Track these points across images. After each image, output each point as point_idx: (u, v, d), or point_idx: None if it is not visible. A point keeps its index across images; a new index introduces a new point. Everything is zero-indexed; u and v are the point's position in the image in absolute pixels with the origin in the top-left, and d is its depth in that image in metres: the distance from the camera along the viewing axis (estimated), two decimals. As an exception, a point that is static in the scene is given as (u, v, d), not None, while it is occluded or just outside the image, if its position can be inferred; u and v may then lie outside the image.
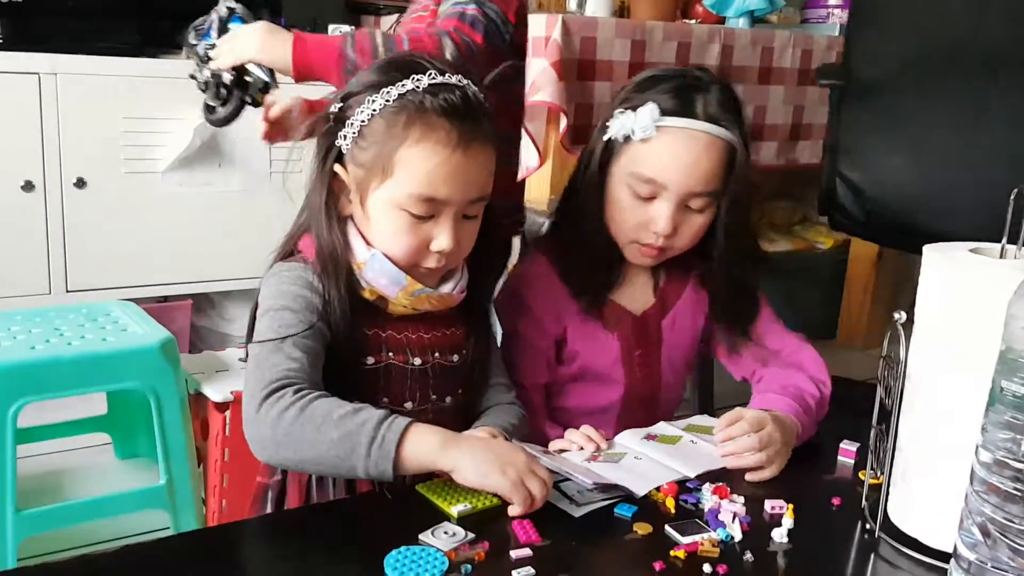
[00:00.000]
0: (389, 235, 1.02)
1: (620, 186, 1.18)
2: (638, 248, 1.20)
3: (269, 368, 0.94)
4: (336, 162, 1.02)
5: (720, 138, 1.14)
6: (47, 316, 1.69)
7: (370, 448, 0.89)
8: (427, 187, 0.99)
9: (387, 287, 1.03)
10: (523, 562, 0.81)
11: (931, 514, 0.87)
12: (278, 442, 0.91)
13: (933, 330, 0.86)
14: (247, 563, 0.85)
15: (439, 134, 0.98)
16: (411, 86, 0.98)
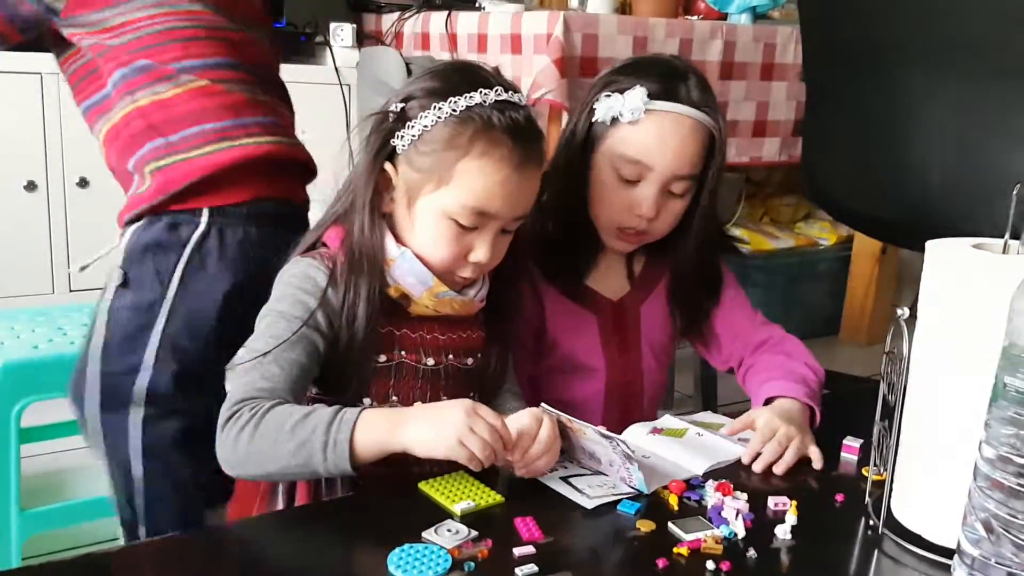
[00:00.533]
0: (431, 241, 1.03)
1: (605, 169, 1.19)
2: (618, 233, 1.21)
3: (240, 388, 0.95)
4: (388, 159, 1.03)
5: (703, 123, 1.17)
6: (50, 315, 1.70)
7: (325, 452, 0.90)
8: (483, 201, 1.00)
9: (414, 286, 1.04)
10: (526, 559, 0.81)
11: (934, 510, 0.87)
12: (241, 461, 0.93)
13: (936, 326, 0.86)
14: (251, 561, 0.85)
15: (502, 151, 1.00)
16: (479, 99, 1.00)
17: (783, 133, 2.60)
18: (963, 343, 0.83)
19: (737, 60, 2.42)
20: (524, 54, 2.17)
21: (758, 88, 2.50)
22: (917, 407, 0.88)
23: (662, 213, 1.19)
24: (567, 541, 0.86)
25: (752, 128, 2.53)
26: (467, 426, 0.90)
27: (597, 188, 1.20)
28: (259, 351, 0.98)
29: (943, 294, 0.85)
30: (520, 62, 2.19)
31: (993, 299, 0.77)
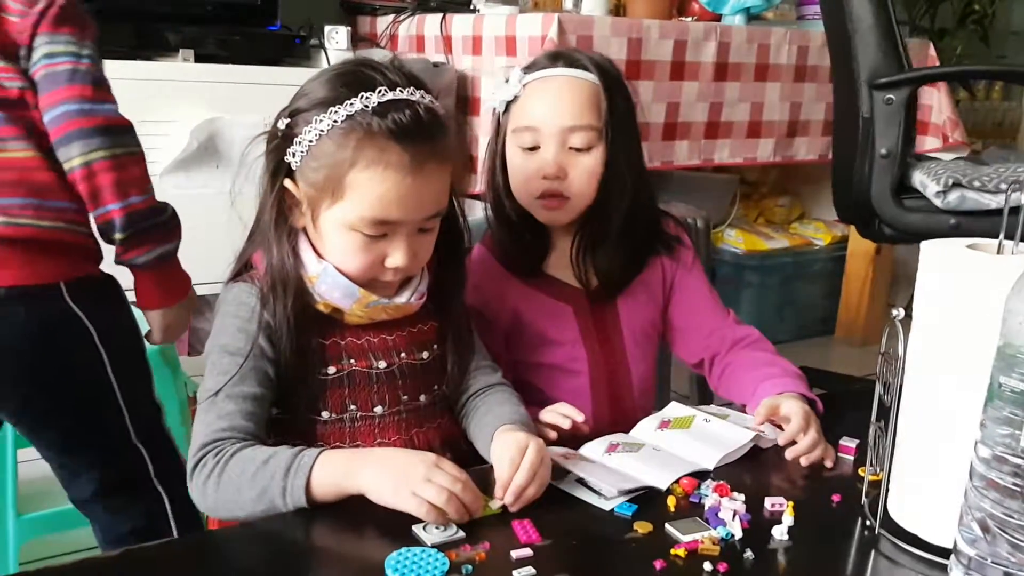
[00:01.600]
0: (342, 253, 1.01)
1: (511, 149, 1.25)
2: (540, 203, 1.24)
3: (200, 431, 0.96)
4: (287, 176, 1.01)
5: (579, 78, 1.22)
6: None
7: (284, 497, 0.90)
8: (379, 211, 0.97)
9: (340, 300, 1.02)
10: (524, 562, 0.81)
11: (931, 510, 0.87)
12: (212, 508, 0.95)
13: (931, 326, 0.86)
14: (248, 565, 0.85)
15: (390, 158, 0.95)
16: (359, 106, 0.96)
17: (777, 134, 2.61)
18: (958, 343, 0.83)
19: (731, 61, 2.42)
20: (519, 56, 2.17)
21: (752, 89, 2.50)
22: (913, 407, 0.88)
23: (572, 171, 1.22)
24: (564, 543, 0.86)
25: (747, 129, 2.54)
26: (424, 477, 0.87)
27: (511, 169, 1.25)
28: (210, 391, 0.97)
29: (938, 294, 0.86)
30: (515, 64, 2.19)
31: (988, 299, 0.78)
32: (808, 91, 2.62)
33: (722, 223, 3.21)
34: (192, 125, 2.25)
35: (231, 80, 2.32)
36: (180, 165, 2.28)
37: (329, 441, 1.04)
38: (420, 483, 0.87)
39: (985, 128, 4.55)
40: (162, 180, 2.27)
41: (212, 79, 2.30)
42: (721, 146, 2.51)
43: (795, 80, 2.58)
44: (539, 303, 1.28)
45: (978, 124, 4.46)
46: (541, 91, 1.23)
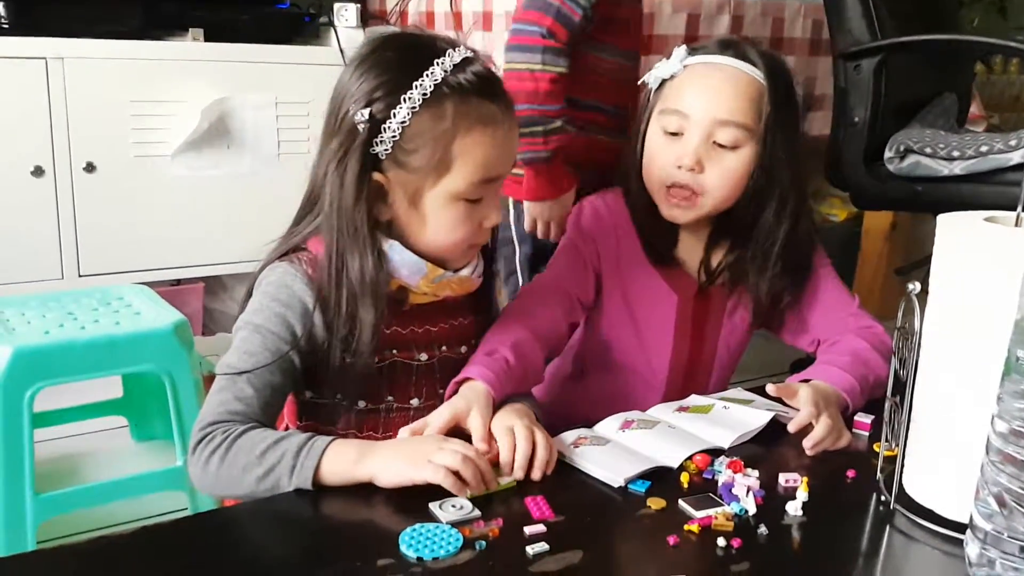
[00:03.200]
0: (447, 228, 1.00)
1: (653, 130, 1.21)
2: (666, 194, 1.19)
3: (213, 407, 0.94)
4: (374, 169, 0.97)
5: (745, 72, 1.16)
6: (61, 301, 1.70)
7: (291, 476, 0.89)
8: (488, 170, 0.98)
9: (408, 277, 1.01)
10: (537, 538, 0.81)
11: (947, 485, 0.86)
12: (211, 484, 0.92)
13: (948, 300, 0.85)
14: (264, 542, 0.86)
15: (485, 114, 0.97)
16: (440, 73, 0.95)
17: (792, 108, 2.58)
18: (975, 317, 0.82)
19: (745, 34, 2.40)
20: (530, 32, 2.15)
21: (766, 63, 2.47)
22: (929, 382, 0.87)
23: (711, 167, 1.16)
24: (578, 520, 0.86)
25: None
26: (437, 447, 0.88)
27: (648, 151, 1.21)
28: (233, 367, 0.95)
29: (955, 268, 0.85)
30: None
31: (1005, 273, 0.77)
32: (823, 65, 2.59)
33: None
34: (202, 105, 2.25)
35: (241, 59, 2.32)
36: (192, 145, 2.28)
37: (362, 430, 1.04)
38: (435, 451, 0.87)
39: (1002, 102, 4.50)
40: (173, 161, 2.27)
41: (222, 58, 2.30)
42: (735, 121, 2.48)
43: (810, 54, 2.55)
44: (650, 280, 1.25)
45: (994, 98, 4.41)
46: (700, 77, 1.17)
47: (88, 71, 2.14)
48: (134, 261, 2.28)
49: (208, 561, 0.80)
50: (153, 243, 2.29)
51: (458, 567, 0.77)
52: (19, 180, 2.10)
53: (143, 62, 2.21)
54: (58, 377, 1.51)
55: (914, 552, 0.85)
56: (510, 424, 0.96)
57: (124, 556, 0.80)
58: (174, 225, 2.31)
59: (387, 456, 0.89)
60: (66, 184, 2.16)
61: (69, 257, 2.19)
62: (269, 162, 2.37)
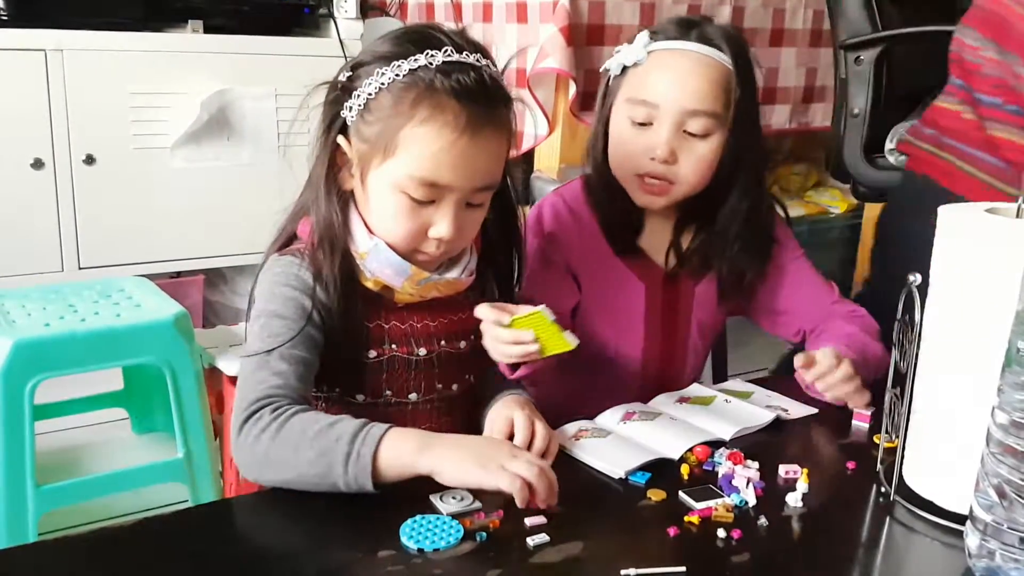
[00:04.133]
0: (387, 217, 0.98)
1: (619, 118, 1.19)
2: (639, 183, 1.18)
3: (252, 386, 0.92)
4: (340, 133, 0.99)
5: (711, 58, 1.15)
6: (61, 293, 1.70)
7: (347, 464, 0.85)
8: (429, 171, 0.94)
9: (392, 278, 1.00)
10: (537, 529, 0.81)
11: (947, 476, 0.86)
12: (259, 464, 0.89)
13: (948, 292, 0.85)
14: (264, 533, 0.86)
15: (447, 116, 0.93)
16: (424, 62, 0.93)
17: (793, 100, 2.58)
18: (976, 308, 0.82)
19: (746, 26, 2.39)
20: (530, 23, 2.15)
21: (768, 54, 2.47)
22: (929, 373, 0.87)
23: (683, 156, 1.16)
24: (578, 511, 0.86)
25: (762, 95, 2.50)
26: (510, 455, 0.85)
27: (614, 140, 1.20)
28: (259, 350, 0.95)
29: (956, 259, 0.85)
30: (526, 31, 2.17)
31: (1006, 264, 0.77)
32: (824, 56, 2.58)
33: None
34: (202, 97, 2.25)
35: (240, 51, 2.32)
36: (191, 137, 2.28)
37: None
38: (508, 459, 0.84)
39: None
40: (173, 153, 2.27)
41: (221, 50, 2.30)
42: (735, 113, 2.48)
43: (811, 45, 2.55)
44: (616, 271, 1.24)
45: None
46: (667, 66, 1.15)
47: (88, 63, 2.14)
48: (134, 253, 2.28)
49: (208, 553, 0.80)
50: (153, 235, 2.29)
51: (459, 558, 0.78)
52: (19, 172, 2.10)
53: (143, 54, 2.21)
54: (58, 369, 1.52)
55: (914, 543, 0.85)
56: (509, 414, 0.96)
57: (125, 548, 0.80)
58: (174, 217, 2.31)
59: (455, 454, 0.86)
60: (66, 176, 2.16)
61: (69, 249, 2.19)
62: (269, 154, 2.37)
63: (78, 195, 2.18)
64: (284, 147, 2.35)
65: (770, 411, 1.08)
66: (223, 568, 0.77)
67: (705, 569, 0.78)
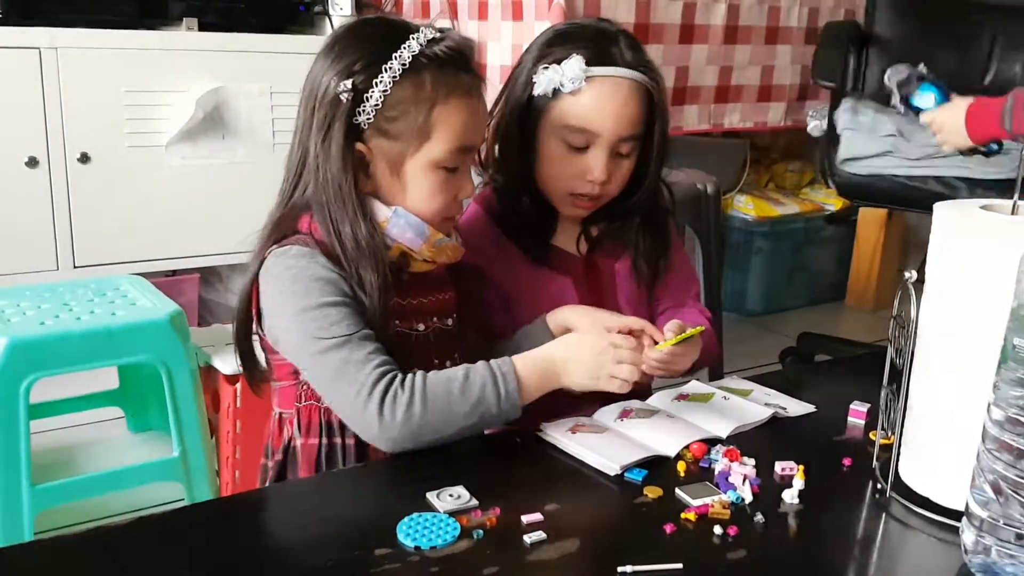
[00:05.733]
0: (426, 196, 1.03)
1: (552, 141, 1.20)
2: (572, 200, 1.22)
3: (358, 370, 0.94)
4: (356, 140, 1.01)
5: (640, 83, 1.19)
6: (56, 291, 1.70)
7: (499, 406, 0.96)
8: (466, 137, 1.03)
9: (412, 240, 1.04)
10: (534, 527, 0.81)
11: (943, 473, 0.87)
12: (416, 434, 0.94)
13: (944, 288, 0.85)
14: (261, 532, 0.86)
15: (463, 83, 1.02)
16: (416, 46, 0.99)
17: (788, 98, 2.58)
18: (971, 305, 0.82)
19: (742, 24, 2.39)
20: (526, 20, 2.15)
21: (763, 52, 2.47)
22: (925, 370, 0.88)
23: (613, 175, 1.20)
24: (574, 508, 0.86)
25: (757, 93, 2.51)
26: (613, 358, 0.99)
27: (546, 160, 1.21)
28: (335, 336, 0.95)
29: (951, 256, 0.85)
30: (522, 29, 2.17)
31: (1002, 260, 0.77)
32: (819, 54, 2.59)
33: (732, 189, 3.19)
34: (197, 94, 2.24)
35: (235, 48, 2.31)
36: (186, 135, 2.27)
37: None
38: (613, 365, 0.99)
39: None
40: (168, 151, 2.27)
41: (216, 48, 2.29)
42: (731, 110, 2.48)
43: (806, 43, 2.55)
44: (536, 274, 1.26)
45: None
46: (607, 95, 1.17)
47: (82, 61, 2.13)
48: (129, 252, 2.27)
49: (205, 551, 0.80)
50: (148, 234, 2.29)
51: (455, 556, 0.78)
52: (13, 171, 2.09)
53: (137, 52, 2.20)
54: (54, 368, 1.51)
55: (910, 540, 0.85)
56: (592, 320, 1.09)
57: (121, 546, 0.80)
58: (169, 215, 2.30)
59: (574, 371, 1.00)
60: (60, 175, 2.15)
61: (64, 248, 2.19)
62: (264, 151, 2.37)
63: (73, 193, 2.17)
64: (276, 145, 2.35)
65: (768, 409, 1.09)
66: (219, 567, 0.77)
67: (702, 566, 0.78)
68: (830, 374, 1.19)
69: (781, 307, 3.25)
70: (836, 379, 1.16)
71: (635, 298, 1.31)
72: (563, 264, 1.28)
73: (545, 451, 0.99)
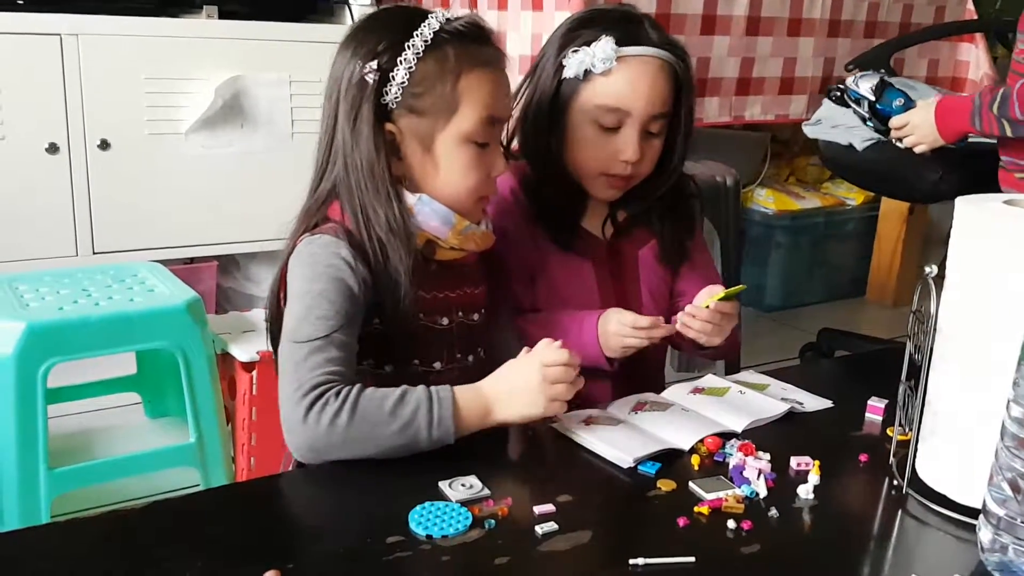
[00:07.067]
0: (459, 173, 1.03)
1: (583, 123, 1.20)
2: (605, 180, 1.23)
3: (308, 371, 0.93)
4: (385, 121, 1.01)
5: (668, 62, 1.20)
6: (75, 277, 1.71)
7: (430, 431, 0.91)
8: (493, 107, 1.03)
9: (438, 228, 1.04)
10: (546, 517, 0.81)
11: (960, 470, 0.86)
12: (335, 446, 0.91)
13: (965, 284, 0.84)
14: (274, 519, 0.86)
15: (484, 55, 1.03)
16: (435, 24, 1.00)
17: (811, 90, 2.55)
18: (992, 301, 0.81)
19: (764, 15, 2.37)
20: (546, 10, 2.14)
21: (785, 44, 2.45)
22: (944, 366, 0.87)
23: (646, 154, 1.21)
24: (587, 500, 0.86)
25: (779, 85, 2.49)
26: (546, 381, 0.94)
27: (577, 143, 1.21)
28: (314, 334, 0.95)
29: (972, 251, 0.84)
30: (541, 19, 2.16)
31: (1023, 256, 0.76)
32: (843, 46, 2.56)
33: (752, 182, 3.17)
34: (216, 83, 2.25)
35: (255, 37, 2.32)
36: (206, 123, 2.28)
37: None
38: (548, 387, 0.95)
39: None
40: (187, 139, 2.28)
41: (236, 36, 2.29)
42: (752, 103, 2.46)
43: (829, 35, 2.52)
44: (558, 255, 1.26)
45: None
46: (639, 73, 1.18)
47: (103, 48, 2.14)
48: (148, 239, 2.28)
49: (219, 537, 0.80)
50: (167, 221, 2.30)
51: (467, 545, 0.77)
52: (34, 157, 2.11)
53: (158, 39, 2.21)
54: (72, 353, 1.53)
55: (926, 537, 0.85)
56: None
57: (135, 530, 0.80)
58: (188, 203, 2.31)
59: (509, 405, 0.95)
60: (80, 161, 2.17)
61: (83, 234, 2.20)
62: (283, 140, 2.37)
63: (93, 180, 2.19)
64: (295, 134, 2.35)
65: (784, 403, 1.08)
66: (232, 552, 0.77)
67: (714, 560, 0.77)
68: (849, 369, 1.18)
69: (800, 302, 3.23)
70: (854, 375, 1.15)
71: (656, 288, 1.31)
72: (587, 247, 1.28)
73: (558, 442, 0.98)
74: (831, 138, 2.22)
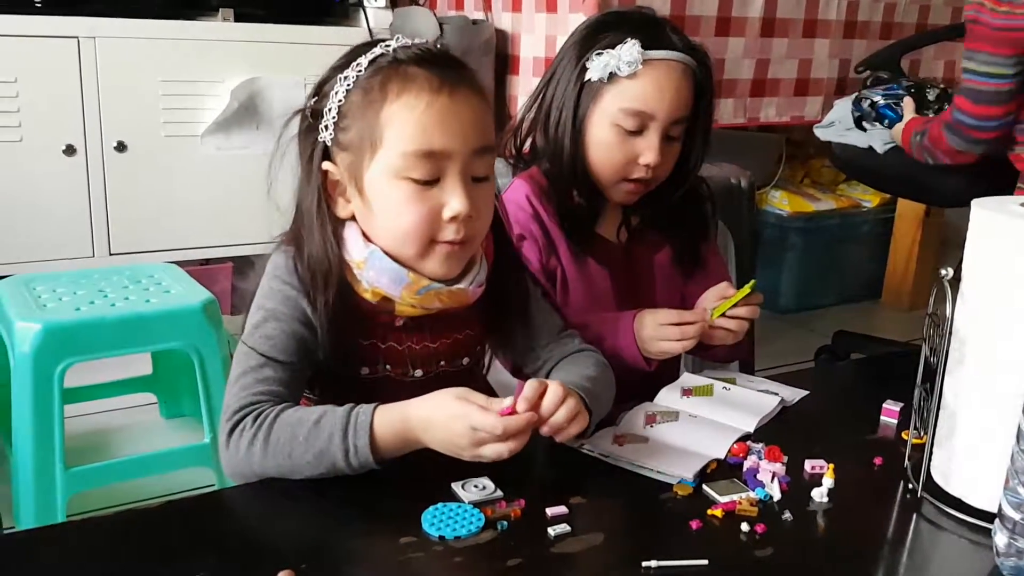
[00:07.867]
0: (395, 212, 0.92)
1: (604, 126, 1.20)
2: (625, 186, 1.22)
3: (237, 392, 0.91)
4: (324, 159, 0.95)
5: (690, 65, 1.20)
6: (91, 278, 1.72)
7: (347, 460, 0.86)
8: (421, 140, 0.89)
9: (389, 286, 0.95)
10: (559, 519, 0.81)
11: (975, 474, 0.85)
12: (257, 474, 0.88)
13: (981, 286, 0.84)
14: (288, 518, 0.86)
15: (419, 82, 0.90)
16: (380, 51, 0.93)
17: (826, 92, 2.55)
18: (1008, 304, 0.81)
19: (779, 16, 2.37)
20: (560, 12, 2.14)
21: (800, 45, 2.44)
22: (960, 369, 0.86)
23: (665, 158, 1.21)
24: (600, 502, 0.86)
25: (794, 87, 2.48)
26: (473, 444, 0.84)
27: (598, 146, 1.21)
28: (257, 348, 0.93)
29: (988, 254, 0.83)
30: (555, 21, 2.16)
31: (1041, 258, 0.75)
32: (858, 47, 2.55)
33: (767, 184, 3.16)
34: (232, 85, 2.26)
35: (271, 40, 2.33)
36: (222, 126, 2.29)
37: None
38: (473, 449, 0.84)
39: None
40: (203, 141, 2.29)
41: (252, 39, 2.31)
42: (767, 104, 2.46)
43: (844, 36, 2.52)
44: (575, 262, 1.26)
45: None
46: (664, 77, 1.18)
47: (120, 51, 2.16)
48: (164, 240, 2.30)
49: (233, 536, 0.80)
50: (183, 222, 2.31)
51: (479, 547, 0.78)
52: (51, 159, 2.13)
53: (174, 42, 2.22)
54: (88, 353, 1.54)
55: (941, 541, 0.84)
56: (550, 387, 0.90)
57: (150, 529, 0.81)
58: (204, 204, 2.33)
59: (434, 438, 0.86)
60: (97, 163, 2.18)
61: (100, 235, 2.22)
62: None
63: (109, 182, 2.20)
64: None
65: (775, 397, 1.09)
66: (246, 552, 0.78)
67: (728, 563, 0.77)
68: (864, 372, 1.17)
69: (815, 305, 3.21)
70: (870, 377, 1.15)
71: (670, 293, 1.31)
72: (604, 253, 1.27)
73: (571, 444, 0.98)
74: (848, 141, 2.21)
